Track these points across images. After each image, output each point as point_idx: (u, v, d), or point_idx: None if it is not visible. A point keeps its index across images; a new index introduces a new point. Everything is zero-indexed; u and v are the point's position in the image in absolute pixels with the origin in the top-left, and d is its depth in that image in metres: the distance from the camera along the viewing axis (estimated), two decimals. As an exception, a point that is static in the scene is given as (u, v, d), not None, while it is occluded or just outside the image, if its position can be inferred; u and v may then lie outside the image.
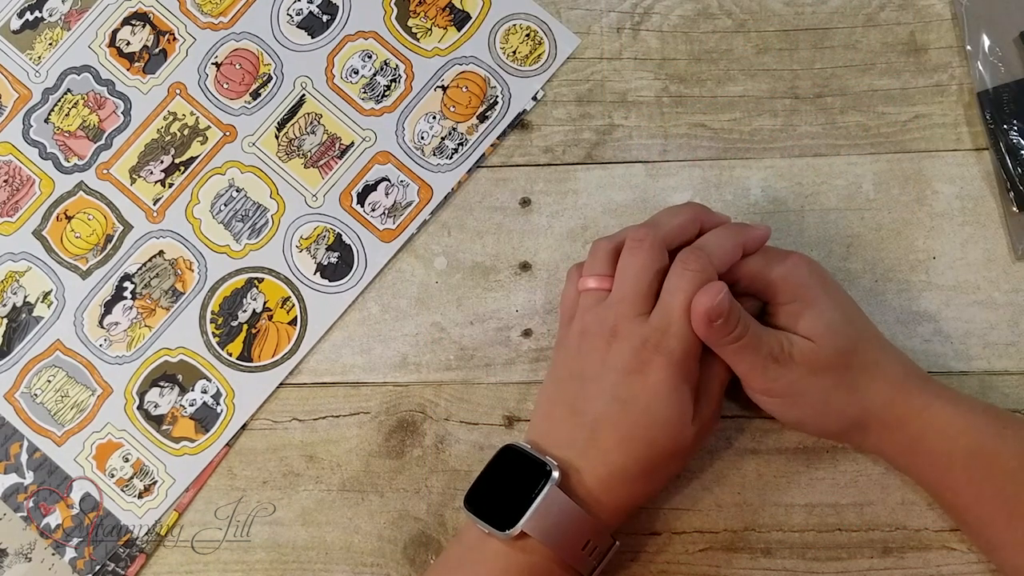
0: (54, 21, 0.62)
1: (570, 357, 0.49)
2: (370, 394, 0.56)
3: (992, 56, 0.57)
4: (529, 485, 0.45)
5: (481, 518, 0.46)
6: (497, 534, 0.45)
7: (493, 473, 0.47)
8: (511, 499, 0.45)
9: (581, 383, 0.47)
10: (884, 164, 0.57)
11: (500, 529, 0.45)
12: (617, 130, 0.59)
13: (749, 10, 0.59)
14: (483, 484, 0.47)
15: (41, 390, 0.57)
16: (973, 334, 0.54)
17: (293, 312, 0.58)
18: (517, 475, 0.46)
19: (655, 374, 0.46)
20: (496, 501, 0.46)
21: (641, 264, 0.47)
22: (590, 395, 0.47)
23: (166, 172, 0.60)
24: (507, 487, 0.46)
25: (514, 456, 0.47)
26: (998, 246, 0.55)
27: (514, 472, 0.46)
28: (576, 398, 0.47)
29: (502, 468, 0.47)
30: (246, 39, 0.61)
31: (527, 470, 0.46)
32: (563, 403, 0.48)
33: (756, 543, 0.53)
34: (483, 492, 0.47)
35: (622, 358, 0.46)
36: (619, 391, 0.46)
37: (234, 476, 0.56)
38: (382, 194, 0.59)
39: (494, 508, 0.46)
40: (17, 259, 0.59)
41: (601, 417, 0.46)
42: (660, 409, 0.46)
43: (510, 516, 0.45)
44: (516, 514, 0.45)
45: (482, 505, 0.46)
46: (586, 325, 0.48)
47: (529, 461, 0.46)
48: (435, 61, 0.60)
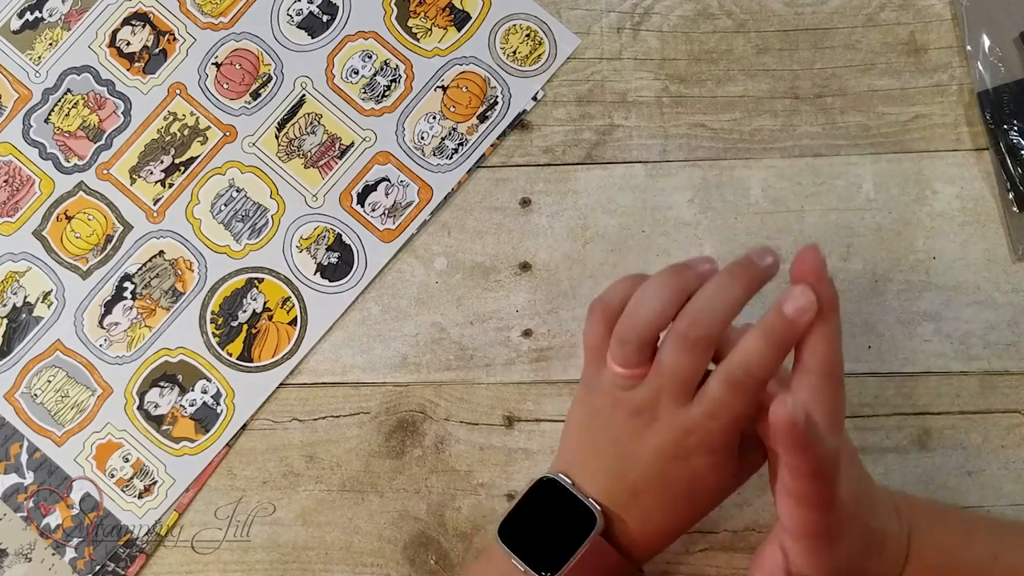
0: (54, 21, 0.62)
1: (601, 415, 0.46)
2: (370, 394, 0.56)
3: (992, 56, 0.57)
4: (569, 525, 0.44)
5: (516, 551, 0.45)
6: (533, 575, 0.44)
7: (530, 506, 0.46)
8: (550, 538, 0.44)
9: (616, 448, 0.45)
10: (884, 164, 0.57)
11: (537, 571, 0.44)
12: (617, 130, 0.59)
13: (749, 10, 0.60)
14: (520, 516, 0.46)
15: (41, 390, 0.57)
16: (973, 334, 0.54)
17: (293, 312, 0.58)
18: (556, 512, 0.45)
19: (698, 460, 0.43)
20: (532, 537, 0.45)
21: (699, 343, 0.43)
22: (628, 465, 0.45)
23: (166, 172, 0.60)
24: (546, 524, 0.45)
25: (554, 491, 0.45)
26: (998, 246, 0.55)
27: (553, 509, 0.45)
28: (613, 460, 0.45)
29: (540, 502, 0.46)
30: (246, 39, 0.61)
31: (567, 509, 0.45)
32: (600, 455, 0.46)
33: (756, 543, 0.53)
34: (519, 525, 0.45)
35: (663, 443, 0.44)
36: (662, 469, 0.44)
37: (234, 476, 0.56)
38: (382, 194, 0.59)
39: (530, 544, 0.45)
40: (17, 259, 0.59)
41: (642, 487, 0.45)
42: (704, 485, 0.44)
43: (548, 556, 0.44)
44: (554, 555, 0.44)
45: (517, 539, 0.45)
46: (620, 399, 0.45)
47: (571, 501, 0.45)
48: (435, 61, 0.60)
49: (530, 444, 0.55)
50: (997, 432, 0.53)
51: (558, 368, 0.56)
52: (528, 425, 0.55)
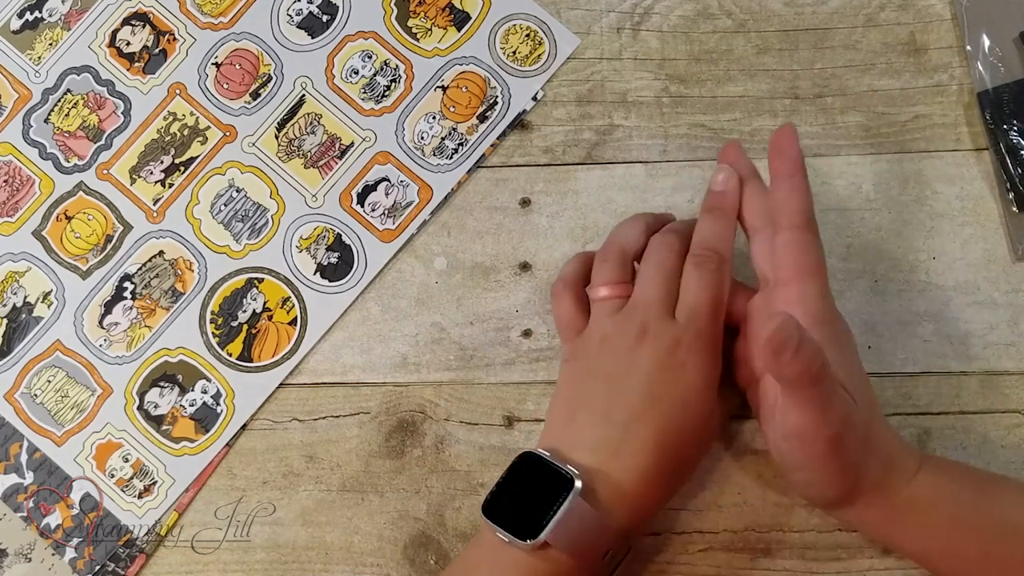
0: (54, 21, 0.62)
1: (590, 362, 0.49)
2: (370, 394, 0.56)
3: (992, 56, 0.57)
4: (550, 493, 0.45)
5: (500, 525, 0.45)
6: (518, 543, 0.44)
7: (512, 481, 0.47)
8: (532, 508, 0.45)
9: (608, 384, 0.47)
10: (884, 164, 0.57)
11: (521, 538, 0.44)
12: (617, 130, 0.59)
13: (749, 10, 0.60)
14: (502, 492, 0.46)
15: (41, 390, 0.57)
16: (973, 334, 0.54)
17: (293, 312, 0.58)
18: (537, 484, 0.45)
19: (690, 372, 0.47)
20: (516, 510, 0.45)
21: (672, 266, 0.49)
22: (620, 395, 0.47)
23: (166, 172, 0.60)
24: (527, 496, 0.46)
25: (533, 464, 0.46)
26: (998, 246, 0.55)
27: (534, 480, 0.46)
28: (603, 400, 0.47)
29: (521, 476, 0.46)
30: (246, 39, 0.61)
31: (548, 479, 0.45)
32: (587, 406, 0.47)
33: (756, 543, 0.53)
34: (502, 501, 0.46)
35: (656, 356, 0.47)
36: (654, 388, 0.46)
37: (234, 476, 0.56)
38: (382, 194, 0.59)
39: (514, 517, 0.45)
40: (17, 259, 0.59)
41: (635, 415, 0.46)
42: (694, 403, 0.47)
43: (532, 525, 0.44)
44: (537, 523, 0.44)
45: (501, 514, 0.46)
46: (607, 330, 0.49)
47: (549, 470, 0.46)
48: (435, 61, 0.60)
49: (530, 444, 0.55)
50: (997, 432, 0.53)
51: (558, 368, 0.56)
52: (528, 425, 0.55)
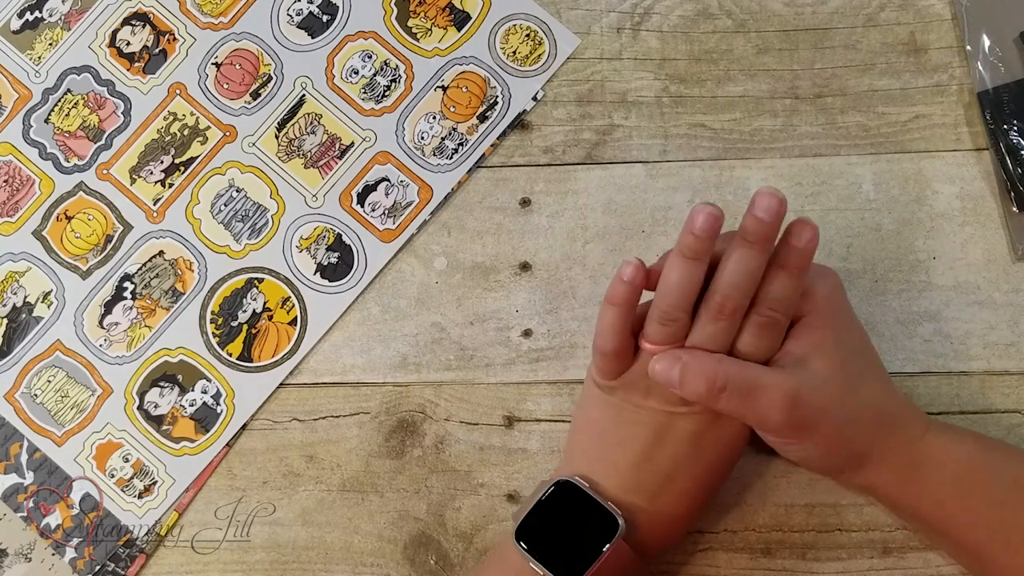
0: (54, 21, 0.62)
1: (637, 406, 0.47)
2: (370, 394, 0.56)
3: (992, 56, 0.57)
4: (589, 529, 0.45)
5: (534, 555, 0.45)
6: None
7: (547, 507, 0.46)
8: (568, 542, 0.45)
9: (654, 432, 0.47)
10: (884, 164, 0.57)
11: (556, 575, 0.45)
12: (617, 130, 0.59)
13: (749, 10, 0.60)
14: (536, 519, 0.46)
15: (41, 390, 0.57)
16: (973, 334, 0.54)
17: (293, 312, 0.58)
18: (575, 515, 0.46)
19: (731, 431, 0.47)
20: (550, 541, 0.45)
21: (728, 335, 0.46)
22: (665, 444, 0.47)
23: (166, 172, 0.60)
24: (564, 527, 0.46)
25: (572, 494, 0.46)
26: (998, 246, 0.55)
27: (571, 511, 0.46)
28: (646, 443, 0.47)
29: (557, 505, 0.46)
30: (246, 39, 0.61)
31: (587, 513, 0.46)
32: (626, 446, 0.47)
33: (756, 543, 0.53)
34: (535, 526, 0.46)
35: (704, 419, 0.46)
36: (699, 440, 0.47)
37: (234, 476, 0.56)
38: (382, 194, 0.59)
39: (548, 548, 0.45)
40: (17, 259, 0.59)
41: (677, 465, 0.47)
42: (736, 451, 0.48)
43: (567, 561, 0.45)
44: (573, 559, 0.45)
45: (534, 542, 0.46)
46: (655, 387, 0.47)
47: (590, 504, 0.46)
48: (435, 61, 0.60)
49: (530, 444, 0.55)
50: (997, 432, 0.53)
51: (558, 368, 0.56)
52: (528, 425, 0.55)
